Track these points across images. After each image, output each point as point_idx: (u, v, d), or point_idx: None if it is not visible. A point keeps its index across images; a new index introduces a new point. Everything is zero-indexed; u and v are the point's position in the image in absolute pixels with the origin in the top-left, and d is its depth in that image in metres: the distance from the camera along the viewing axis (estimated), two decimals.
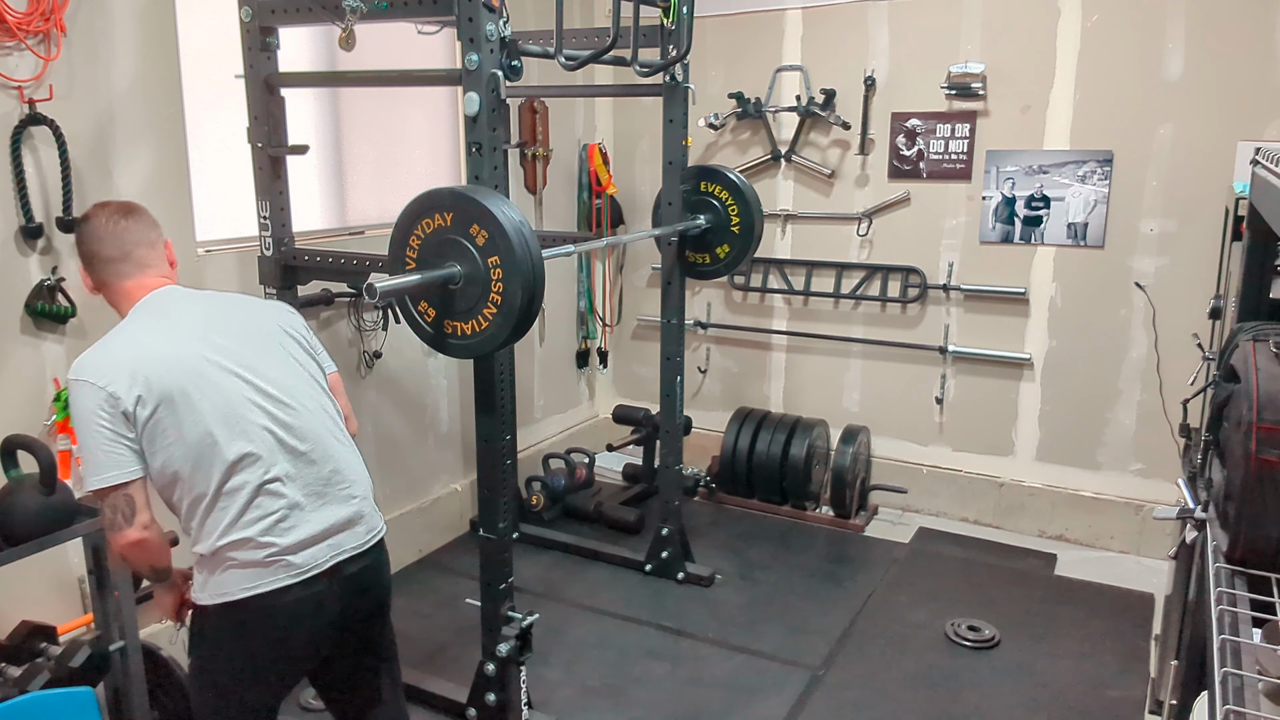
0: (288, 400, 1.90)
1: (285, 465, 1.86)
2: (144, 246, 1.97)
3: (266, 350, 1.94)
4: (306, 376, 1.98)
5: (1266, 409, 1.48)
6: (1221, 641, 1.30)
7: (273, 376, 1.91)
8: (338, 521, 1.92)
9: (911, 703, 3.10)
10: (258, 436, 1.84)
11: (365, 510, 1.99)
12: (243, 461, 1.81)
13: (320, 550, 1.88)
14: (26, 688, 2.14)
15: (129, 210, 2.00)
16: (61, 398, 2.64)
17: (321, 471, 1.91)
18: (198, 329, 1.88)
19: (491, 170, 2.45)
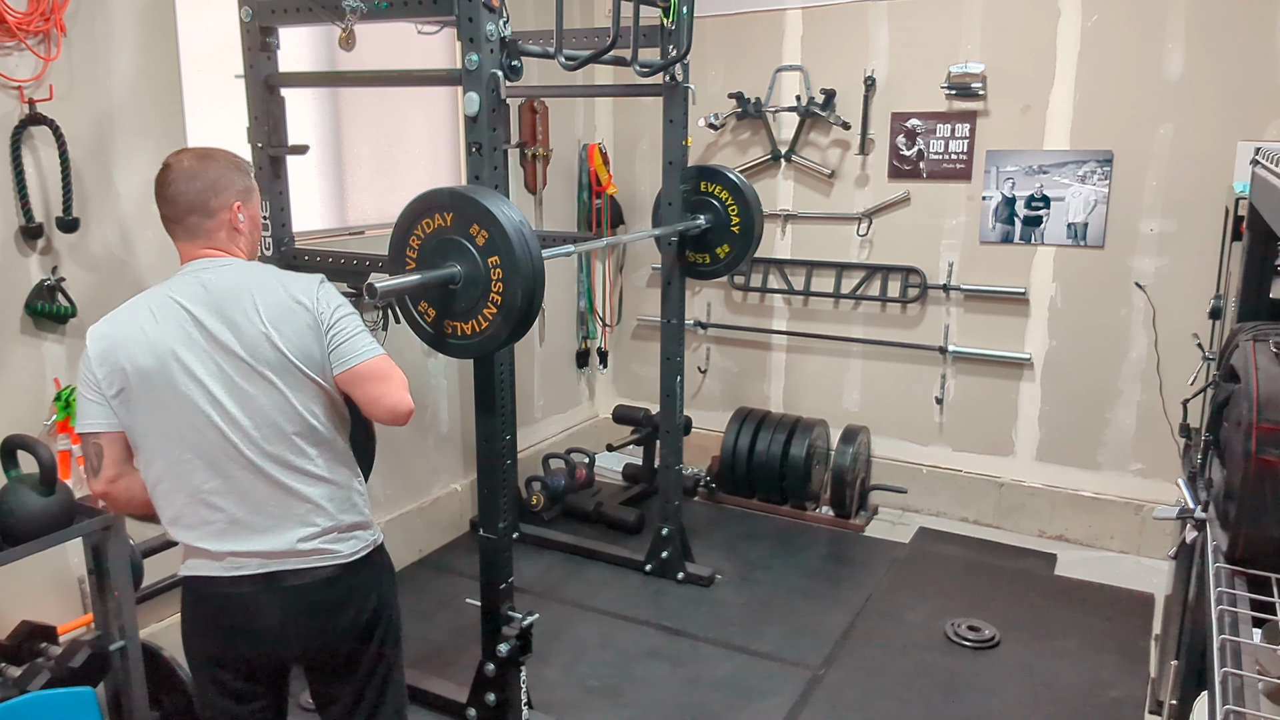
0: (245, 426, 1.83)
1: (229, 481, 1.84)
2: (198, 214, 1.88)
3: (246, 371, 1.83)
4: (280, 403, 1.84)
5: (1266, 409, 1.48)
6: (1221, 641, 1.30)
7: (240, 397, 1.83)
8: (278, 547, 1.87)
9: (911, 703, 3.10)
10: (205, 449, 1.83)
11: (322, 533, 1.90)
12: (184, 468, 1.83)
13: (252, 560, 1.86)
14: (26, 688, 2.14)
15: (195, 171, 1.88)
16: (61, 397, 2.64)
17: (264, 503, 1.86)
18: (188, 326, 1.83)
19: (491, 170, 2.45)
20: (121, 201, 2.81)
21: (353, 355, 1.88)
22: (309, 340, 1.85)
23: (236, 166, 1.96)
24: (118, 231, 2.81)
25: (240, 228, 1.94)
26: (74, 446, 2.70)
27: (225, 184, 1.91)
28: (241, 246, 1.96)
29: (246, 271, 1.90)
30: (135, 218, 2.85)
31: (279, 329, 1.83)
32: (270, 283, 1.88)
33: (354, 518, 1.95)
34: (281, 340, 1.83)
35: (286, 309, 1.84)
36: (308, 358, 1.85)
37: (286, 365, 1.83)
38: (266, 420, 1.84)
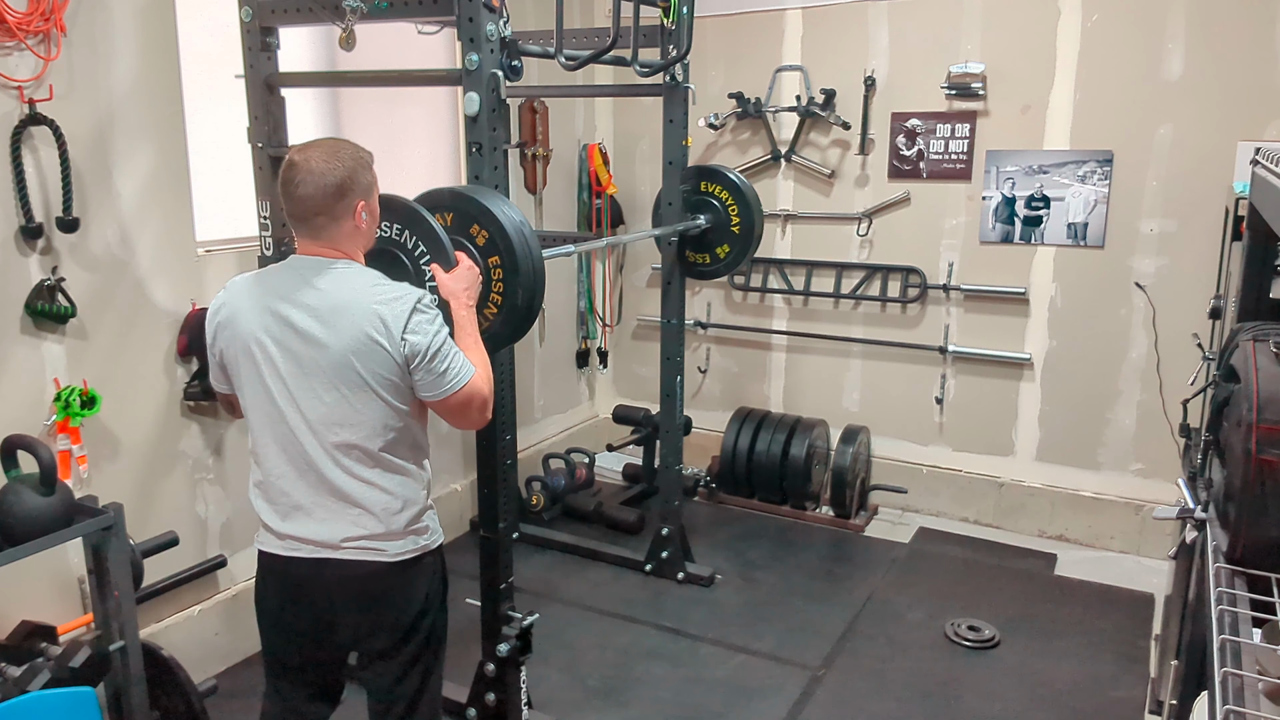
0: (314, 425, 1.92)
1: (296, 470, 1.96)
2: (324, 215, 1.90)
3: (321, 376, 1.89)
4: (348, 414, 1.91)
5: (1266, 409, 1.48)
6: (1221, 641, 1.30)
7: (311, 397, 1.91)
8: (329, 539, 1.97)
9: (911, 703, 3.10)
10: (279, 437, 1.95)
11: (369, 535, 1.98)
12: (264, 449, 1.98)
13: (306, 545, 1.98)
14: (26, 688, 2.14)
15: (324, 172, 1.87)
16: (61, 397, 2.64)
17: (329, 492, 1.95)
18: (279, 321, 1.91)
19: (491, 170, 2.45)
20: (121, 201, 2.81)
21: (438, 390, 1.93)
22: (388, 369, 1.89)
23: (363, 163, 1.94)
24: (118, 231, 2.81)
25: (362, 226, 1.96)
26: (74, 446, 2.70)
27: (352, 185, 1.91)
28: (359, 244, 1.99)
29: (351, 282, 1.91)
30: (135, 218, 2.85)
31: (362, 351, 1.87)
32: (367, 304, 1.87)
33: (408, 525, 2.01)
34: (361, 363, 1.87)
35: (376, 338, 1.86)
36: (384, 383, 1.90)
37: (361, 384, 1.89)
38: (333, 425, 1.91)
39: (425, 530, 2.06)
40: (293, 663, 2.12)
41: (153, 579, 2.84)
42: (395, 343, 1.86)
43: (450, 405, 1.95)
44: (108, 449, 2.84)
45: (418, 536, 2.04)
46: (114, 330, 2.82)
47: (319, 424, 1.91)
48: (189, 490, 3.09)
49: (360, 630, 2.06)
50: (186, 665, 2.66)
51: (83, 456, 2.73)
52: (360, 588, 2.00)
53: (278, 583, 2.05)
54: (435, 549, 2.11)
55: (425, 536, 2.06)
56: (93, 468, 2.78)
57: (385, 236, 2.19)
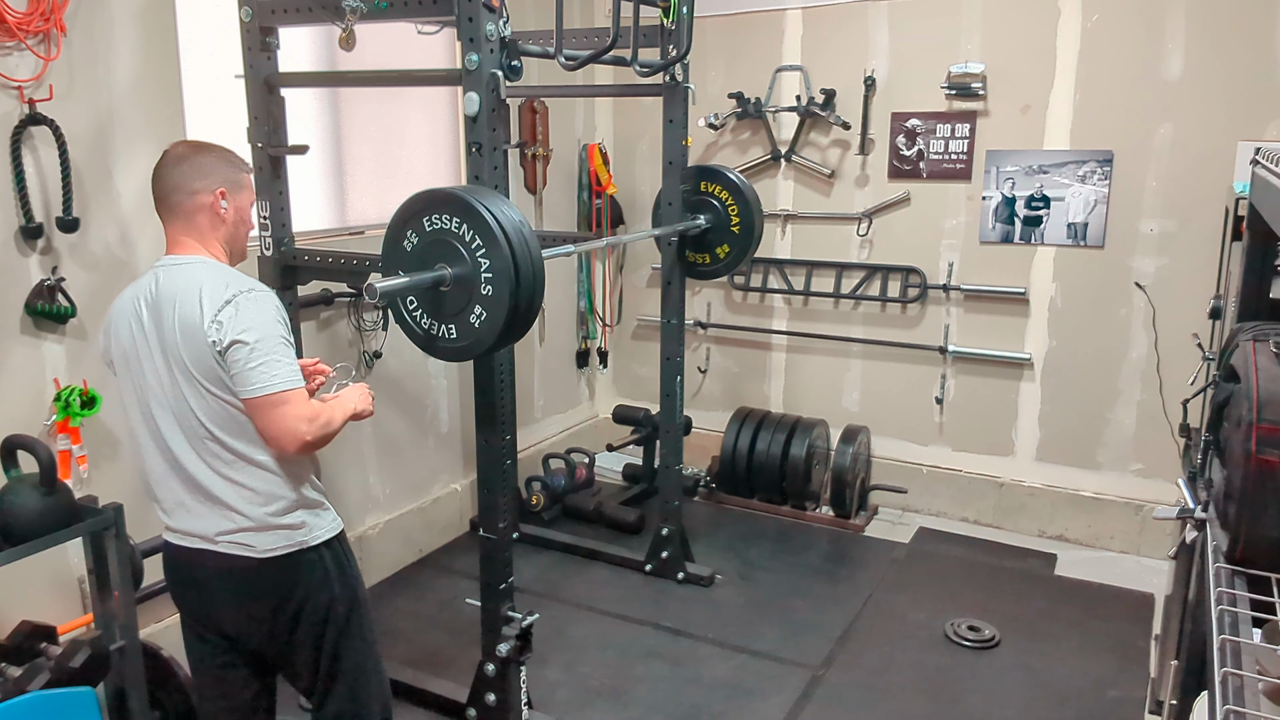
0: (176, 422, 1.98)
1: (169, 468, 2.02)
2: (181, 193, 1.98)
3: (170, 373, 1.95)
4: (199, 406, 1.94)
5: (1266, 409, 1.48)
6: (1221, 641, 1.30)
7: (168, 397, 1.96)
8: (205, 532, 2.03)
9: (911, 703, 3.10)
10: (153, 436, 2.01)
11: (238, 530, 2.01)
12: (143, 449, 2.05)
13: (190, 538, 2.05)
14: (26, 688, 2.14)
15: (184, 155, 2.00)
16: (61, 397, 2.64)
17: (199, 489, 2.01)
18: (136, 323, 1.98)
19: (491, 170, 2.45)
20: (121, 201, 2.81)
21: (247, 386, 1.90)
22: (208, 359, 1.90)
23: (229, 161, 2.05)
24: (118, 231, 2.81)
25: (224, 216, 2.02)
26: (74, 446, 2.70)
27: (212, 170, 2.00)
28: (221, 238, 2.03)
29: (191, 276, 1.95)
30: (135, 218, 2.85)
31: (185, 342, 1.91)
32: (194, 294, 1.91)
33: (276, 520, 2.02)
34: (186, 353, 1.91)
35: (193, 326, 1.90)
36: (209, 373, 1.91)
37: (191, 376, 1.93)
38: (189, 420, 1.96)
39: (299, 526, 2.05)
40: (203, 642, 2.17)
41: (153, 579, 2.84)
42: (210, 326, 1.89)
43: (262, 406, 1.91)
44: (108, 449, 2.83)
45: (290, 531, 2.03)
46: None
47: (180, 419, 1.97)
48: None
49: (240, 625, 2.10)
50: (186, 665, 2.65)
51: (83, 456, 2.74)
52: (233, 584, 2.05)
53: (171, 569, 2.14)
54: (313, 544, 2.07)
55: (300, 532, 2.05)
56: (93, 468, 2.78)
57: (444, 229, 2.25)
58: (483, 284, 2.25)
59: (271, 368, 1.89)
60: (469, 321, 2.31)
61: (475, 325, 2.30)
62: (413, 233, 2.33)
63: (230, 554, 2.01)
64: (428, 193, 2.32)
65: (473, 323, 2.30)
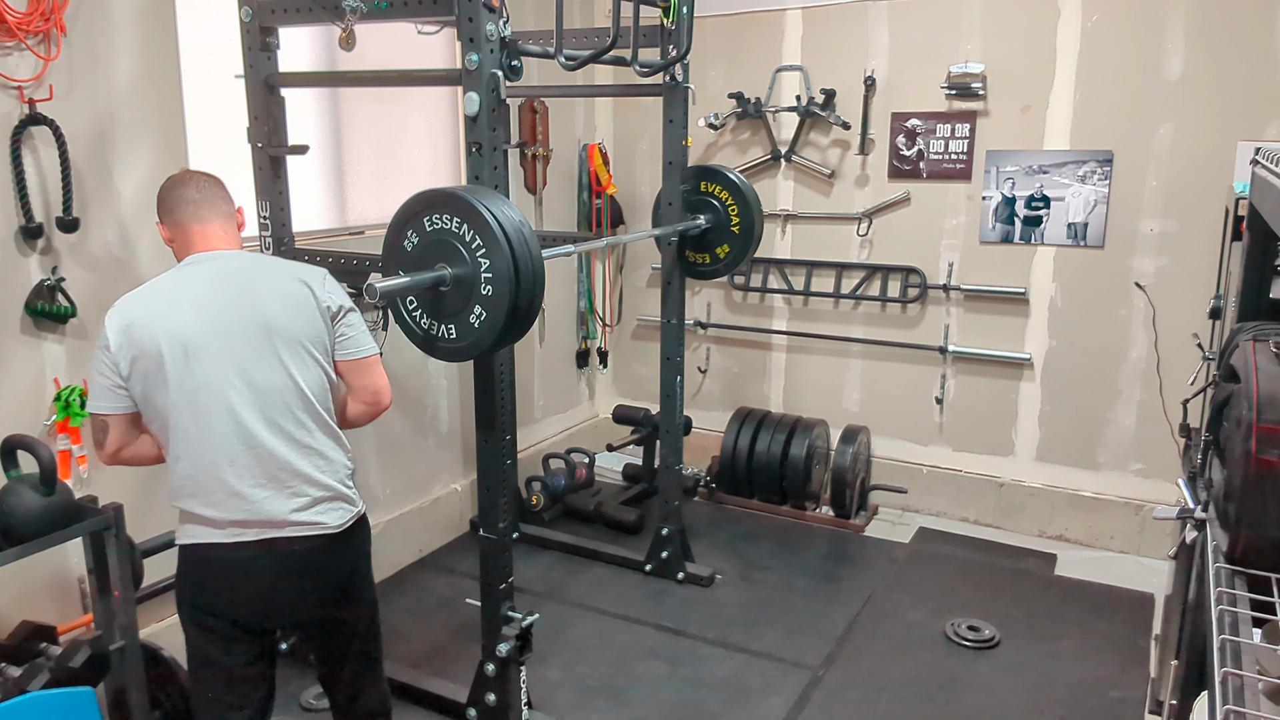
0: (254, 398, 2.01)
1: (237, 455, 2.01)
2: (220, 199, 2.16)
3: (256, 346, 2.01)
4: (284, 378, 2.03)
5: (1266, 409, 1.48)
6: (1221, 641, 1.30)
7: (250, 372, 2.00)
8: (275, 516, 2.04)
9: (911, 703, 3.10)
10: (217, 425, 1.99)
11: (313, 503, 2.08)
12: (200, 443, 2.00)
13: (251, 529, 2.04)
14: (26, 688, 2.14)
15: (207, 180, 2.18)
16: (61, 397, 2.64)
17: (269, 469, 2.03)
18: (202, 308, 2.00)
19: (491, 170, 2.45)
20: (121, 201, 2.81)
21: (356, 349, 2.13)
22: (320, 327, 2.07)
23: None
24: (118, 231, 2.81)
25: (242, 225, 2.21)
26: (74, 446, 2.70)
27: (225, 192, 2.20)
28: (238, 245, 2.18)
29: (257, 259, 2.14)
30: (135, 218, 2.85)
31: (293, 313, 2.04)
32: (282, 270, 2.11)
33: (343, 488, 2.13)
34: (295, 324, 2.03)
35: (298, 295, 2.05)
36: (318, 341, 2.06)
37: (298, 345, 2.03)
38: (282, 392, 2.02)
39: (354, 500, 2.18)
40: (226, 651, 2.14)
41: (153, 579, 2.84)
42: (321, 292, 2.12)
43: (365, 367, 2.19)
44: None
45: (349, 505, 2.15)
46: None
47: (260, 395, 2.04)
48: None
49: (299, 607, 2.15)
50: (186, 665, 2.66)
51: (83, 456, 2.74)
52: (305, 564, 2.10)
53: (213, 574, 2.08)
54: (364, 516, 2.21)
55: (356, 506, 2.19)
56: (93, 468, 2.78)
57: (444, 229, 2.27)
58: (483, 284, 2.25)
59: (368, 332, 2.16)
60: (469, 321, 2.31)
61: (475, 325, 2.30)
62: (413, 233, 2.33)
63: (304, 535, 2.07)
64: (427, 193, 2.32)
65: (473, 323, 2.30)
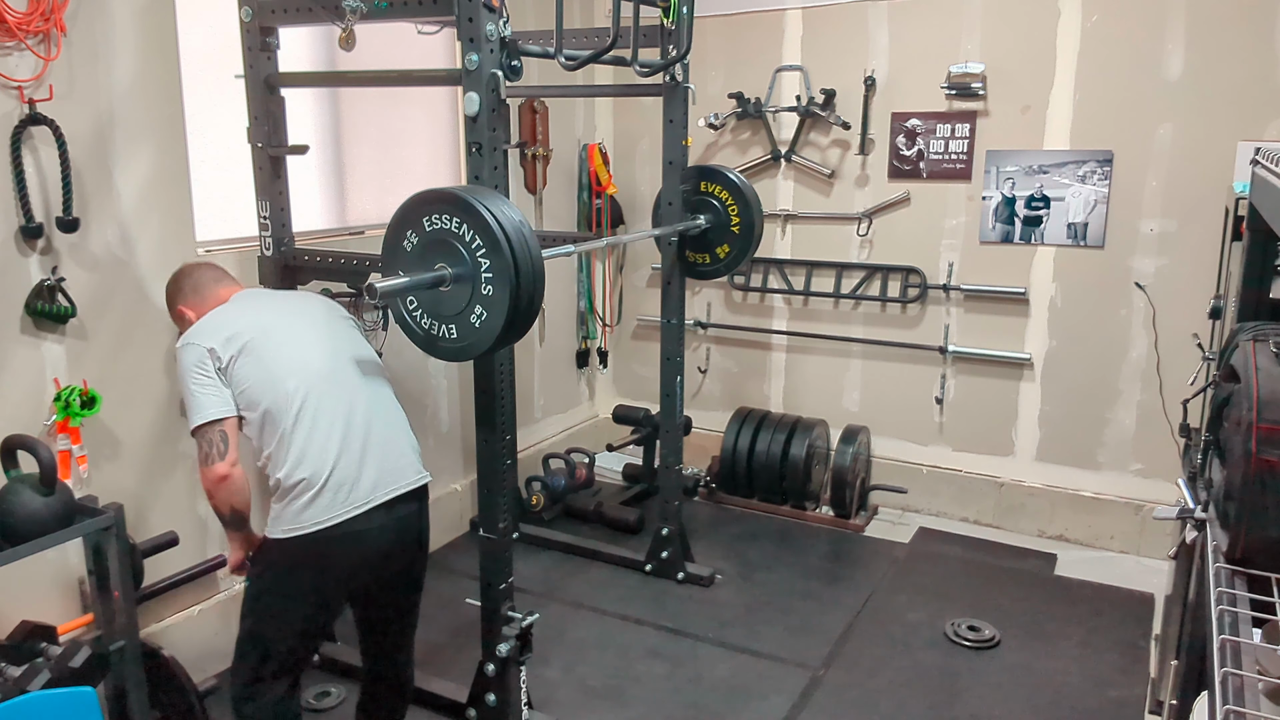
0: (358, 371, 2.40)
1: (328, 410, 2.28)
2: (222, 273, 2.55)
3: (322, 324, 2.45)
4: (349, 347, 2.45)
5: (1266, 409, 1.48)
6: (1221, 641, 1.30)
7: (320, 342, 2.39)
8: (398, 469, 2.37)
9: (911, 703, 3.10)
10: (307, 384, 2.27)
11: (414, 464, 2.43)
12: (297, 396, 2.25)
13: (378, 492, 2.30)
14: (26, 688, 2.14)
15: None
16: (61, 397, 2.64)
17: (359, 431, 2.32)
18: (265, 307, 2.44)
19: (491, 170, 2.45)
20: (121, 201, 2.81)
21: None
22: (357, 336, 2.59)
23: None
24: (118, 231, 2.81)
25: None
26: (74, 446, 2.70)
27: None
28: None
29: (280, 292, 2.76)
30: (135, 218, 2.85)
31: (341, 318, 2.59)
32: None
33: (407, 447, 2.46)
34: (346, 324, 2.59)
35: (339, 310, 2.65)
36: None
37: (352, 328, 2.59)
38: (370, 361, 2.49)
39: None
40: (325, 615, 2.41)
41: (153, 579, 2.84)
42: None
43: None
44: (108, 449, 2.84)
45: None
46: (114, 330, 2.82)
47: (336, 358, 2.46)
48: (189, 490, 3.09)
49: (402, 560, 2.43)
50: (186, 665, 2.66)
51: (83, 456, 2.73)
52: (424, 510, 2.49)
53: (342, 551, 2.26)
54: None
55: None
56: (93, 468, 2.78)
57: (444, 229, 2.27)
58: (483, 284, 2.25)
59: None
60: (469, 321, 2.31)
61: (475, 325, 2.30)
62: (412, 233, 2.33)
63: (424, 484, 2.43)
64: (427, 193, 2.32)
65: (473, 323, 2.30)
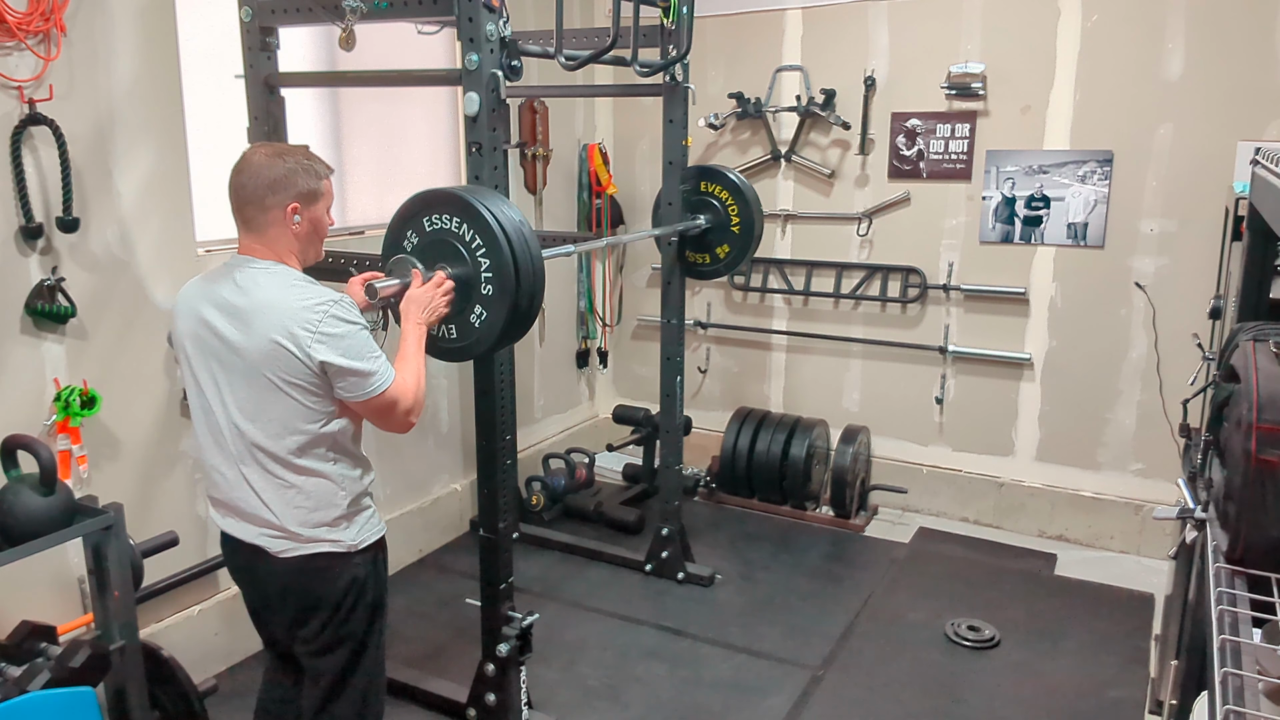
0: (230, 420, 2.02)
1: (222, 463, 2.07)
2: (252, 206, 1.97)
3: (237, 373, 1.98)
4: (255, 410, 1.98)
5: (1266, 409, 1.47)
6: (1221, 641, 1.30)
7: (228, 394, 2.00)
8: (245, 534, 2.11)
9: (911, 703, 3.10)
10: (210, 430, 2.06)
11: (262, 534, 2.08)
12: (203, 441, 2.09)
13: (232, 524, 2.13)
14: (26, 688, 2.14)
15: (262, 165, 1.96)
16: (61, 397, 2.64)
17: (233, 492, 2.08)
18: (200, 322, 2.01)
19: (491, 170, 2.45)
20: (121, 201, 2.81)
21: (355, 394, 1.97)
22: (298, 374, 1.93)
23: (308, 169, 2.00)
24: (118, 231, 2.81)
25: (295, 230, 2.00)
26: (74, 446, 2.70)
27: (287, 183, 1.96)
28: (292, 250, 2.03)
29: (268, 284, 1.95)
30: (135, 218, 2.85)
31: (268, 356, 1.92)
32: (278, 311, 1.92)
33: (316, 525, 2.06)
34: (268, 366, 1.93)
35: (278, 346, 1.91)
36: (295, 386, 1.94)
37: (271, 386, 1.94)
38: (247, 423, 1.99)
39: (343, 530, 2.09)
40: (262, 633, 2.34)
41: (153, 579, 2.84)
42: (303, 353, 1.90)
43: (370, 408, 2.01)
44: (108, 449, 2.84)
45: (332, 531, 2.07)
46: (114, 330, 2.82)
47: (240, 421, 2.00)
48: (189, 490, 3.09)
49: (273, 615, 2.21)
50: (186, 665, 2.66)
51: (83, 456, 2.74)
52: (269, 577, 2.12)
53: (229, 559, 2.23)
54: (339, 553, 2.09)
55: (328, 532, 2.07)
56: (93, 468, 2.78)
57: (444, 229, 2.26)
58: (483, 284, 2.25)
59: (372, 368, 2.00)
60: (469, 321, 2.31)
61: (475, 325, 2.30)
62: (413, 233, 2.33)
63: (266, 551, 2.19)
64: (428, 193, 2.33)
65: (473, 323, 2.30)
